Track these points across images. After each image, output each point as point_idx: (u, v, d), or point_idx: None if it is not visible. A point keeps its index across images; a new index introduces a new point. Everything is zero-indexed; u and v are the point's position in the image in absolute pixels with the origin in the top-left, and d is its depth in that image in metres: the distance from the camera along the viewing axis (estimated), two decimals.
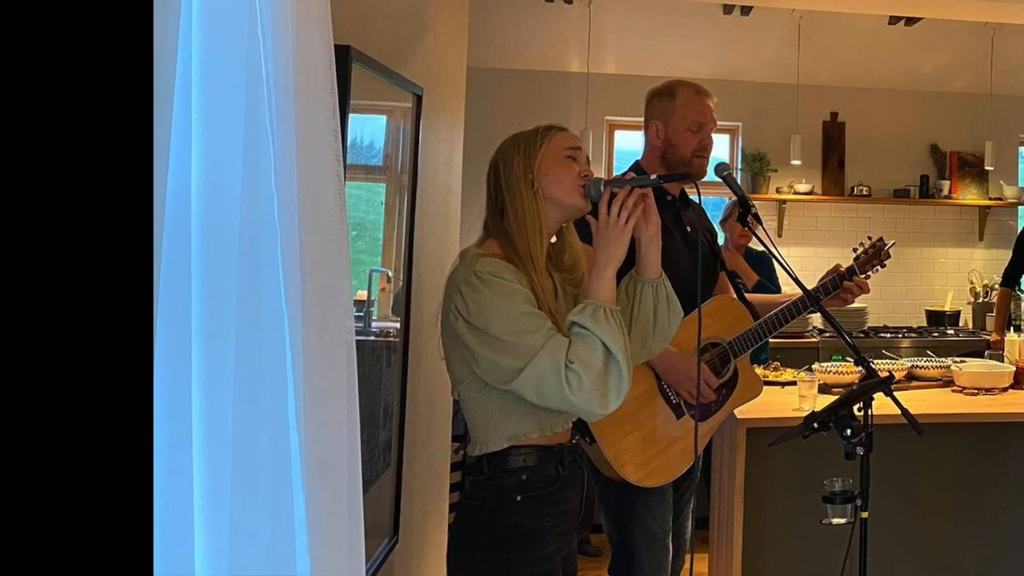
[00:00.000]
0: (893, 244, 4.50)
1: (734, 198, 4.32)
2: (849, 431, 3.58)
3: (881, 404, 3.67)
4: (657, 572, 4.24)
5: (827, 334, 8.31)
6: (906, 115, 9.51)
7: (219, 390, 1.59)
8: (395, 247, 3.81)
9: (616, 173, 5.23)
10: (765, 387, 4.69)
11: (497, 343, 2.86)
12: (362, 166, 3.54)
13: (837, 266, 4.40)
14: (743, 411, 4.79)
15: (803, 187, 9.21)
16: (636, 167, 4.29)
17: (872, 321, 8.87)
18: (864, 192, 9.29)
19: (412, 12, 4.17)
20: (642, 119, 4.39)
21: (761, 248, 6.53)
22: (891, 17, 8.13)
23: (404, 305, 3.87)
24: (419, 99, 3.87)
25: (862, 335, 8.56)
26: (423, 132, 3.93)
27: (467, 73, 5.28)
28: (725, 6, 8.10)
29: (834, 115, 9.49)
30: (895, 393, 3.68)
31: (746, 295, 4.48)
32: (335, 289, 1.74)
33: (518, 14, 8.32)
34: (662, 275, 3.19)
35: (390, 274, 3.79)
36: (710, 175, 4.24)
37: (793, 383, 5.62)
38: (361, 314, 3.48)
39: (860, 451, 3.62)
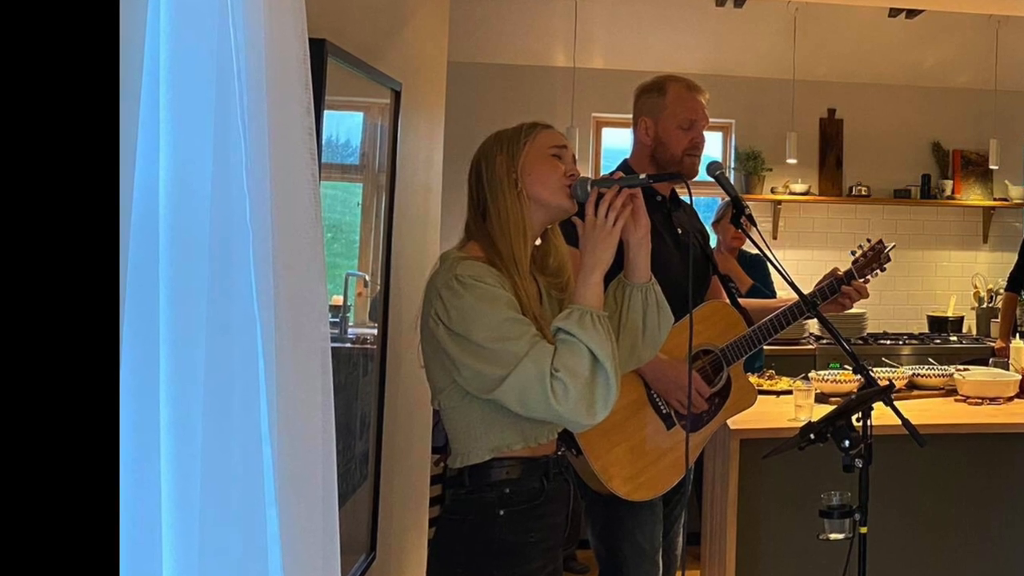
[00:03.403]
0: (893, 247, 4.52)
1: (727, 199, 4.34)
2: (847, 442, 3.60)
3: (881, 414, 3.68)
4: None
5: (824, 341, 8.32)
6: (907, 112, 9.54)
7: (188, 399, 1.59)
8: (372, 250, 3.81)
9: (604, 172, 5.24)
10: (759, 396, 4.70)
11: (479, 350, 2.87)
12: (338, 165, 3.54)
13: (835, 270, 4.41)
14: (736, 421, 4.80)
15: (799, 187, 9.24)
16: (624, 166, 4.30)
17: (871, 327, 8.89)
18: (863, 192, 9.32)
19: (390, 4, 4.17)
20: (631, 116, 4.41)
21: (755, 251, 6.55)
22: (891, 9, 8.14)
23: (382, 311, 3.87)
24: (398, 95, 3.87)
25: (861, 342, 8.58)
26: (402, 129, 3.93)
27: (448, 68, 5.28)
28: None
29: (831, 112, 9.52)
30: (895, 402, 3.70)
31: (739, 300, 4.48)
32: (309, 294, 1.75)
33: (501, 6, 8.33)
34: (652, 279, 3.20)
35: (367, 278, 3.79)
36: (702, 175, 4.26)
37: (789, 392, 5.63)
38: (337, 320, 3.48)
39: (859, 463, 3.63)
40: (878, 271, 4.42)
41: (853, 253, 4.48)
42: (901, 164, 9.50)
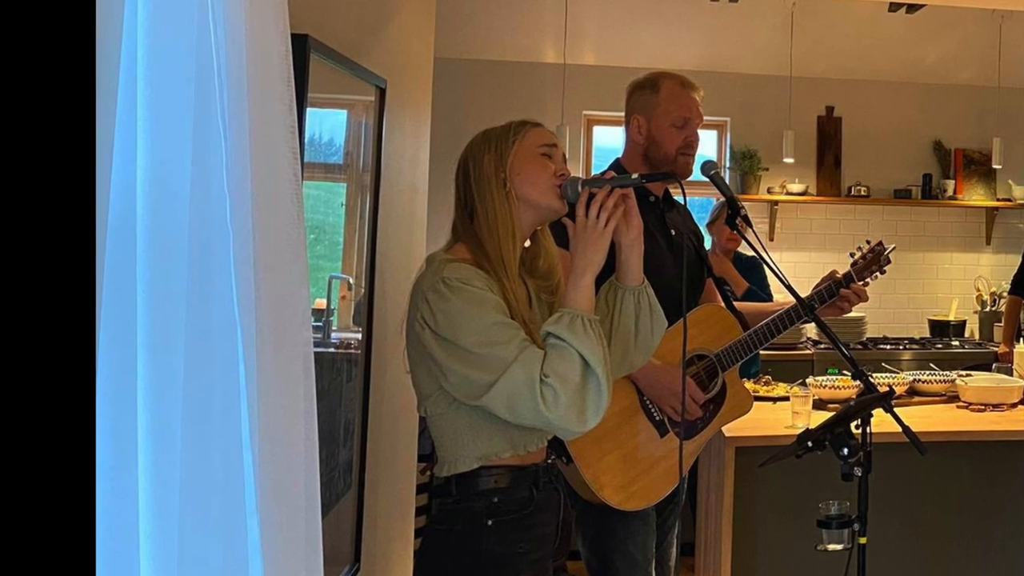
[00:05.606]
0: (893, 249, 4.53)
1: (722, 199, 4.34)
2: (846, 450, 3.61)
3: (881, 421, 3.69)
4: None
5: (822, 346, 8.34)
6: (907, 109, 9.56)
7: (167, 406, 1.59)
8: (357, 252, 3.82)
9: (595, 172, 5.25)
10: (756, 403, 4.71)
11: (466, 355, 2.87)
12: (321, 164, 3.54)
13: (833, 272, 4.42)
14: (732, 429, 4.81)
15: (796, 187, 9.25)
16: (616, 165, 4.30)
17: (871, 332, 8.90)
18: (862, 192, 9.33)
19: None
20: (623, 114, 4.41)
21: (751, 253, 6.55)
22: (891, 4, 8.15)
23: (366, 314, 3.88)
24: (382, 92, 3.87)
25: (860, 347, 8.60)
26: (387, 128, 3.93)
27: (434, 64, 5.29)
28: None
29: (830, 109, 9.53)
30: (896, 409, 3.71)
31: (735, 303, 4.49)
32: (292, 297, 1.75)
33: (489, 1, 8.33)
34: (644, 282, 3.20)
35: (351, 281, 3.80)
36: (696, 174, 4.26)
37: (786, 398, 5.65)
38: (320, 324, 3.48)
39: (858, 472, 3.64)
40: (878, 274, 4.42)
41: (852, 255, 4.48)
42: (901, 163, 9.51)
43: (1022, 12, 8.09)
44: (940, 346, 8.91)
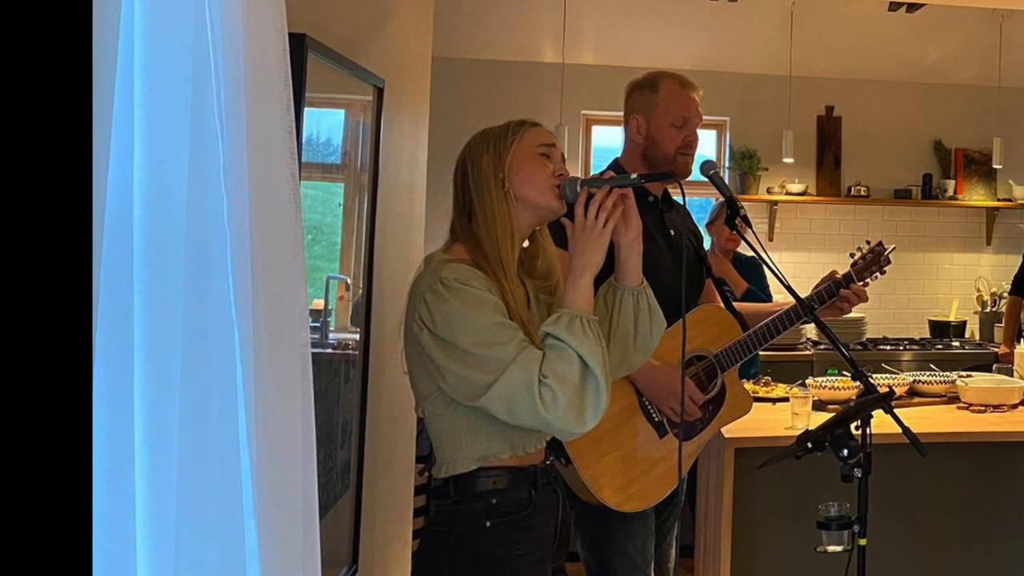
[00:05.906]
0: (893, 249, 4.52)
1: (721, 199, 4.34)
2: (846, 451, 3.60)
3: (881, 422, 3.69)
4: None
5: (822, 346, 8.34)
6: (908, 109, 9.55)
7: (164, 407, 1.59)
8: (354, 252, 3.82)
9: (594, 172, 5.25)
10: (755, 404, 4.70)
11: (464, 356, 2.86)
12: (318, 164, 3.54)
13: (833, 273, 4.42)
14: (731, 430, 4.80)
15: (796, 187, 9.25)
16: (615, 165, 4.30)
17: (871, 332, 8.89)
18: (862, 192, 9.32)
19: None
20: (622, 114, 4.41)
21: (751, 253, 6.55)
22: (891, 3, 8.16)
23: (364, 315, 3.88)
24: (380, 92, 3.87)
25: (860, 347, 8.59)
26: (385, 127, 3.94)
27: (432, 64, 5.29)
28: None
29: (830, 109, 9.53)
30: (896, 410, 3.70)
31: (734, 304, 4.49)
32: (289, 298, 1.75)
33: (488, 0, 8.33)
34: (643, 282, 3.19)
35: (349, 281, 3.80)
36: (695, 174, 4.25)
37: (785, 399, 5.64)
38: (318, 324, 3.48)
39: (858, 473, 3.64)
40: (878, 274, 4.42)
41: (852, 255, 4.48)
42: (901, 163, 9.50)
43: (1022, 12, 8.08)
44: (940, 347, 8.90)
